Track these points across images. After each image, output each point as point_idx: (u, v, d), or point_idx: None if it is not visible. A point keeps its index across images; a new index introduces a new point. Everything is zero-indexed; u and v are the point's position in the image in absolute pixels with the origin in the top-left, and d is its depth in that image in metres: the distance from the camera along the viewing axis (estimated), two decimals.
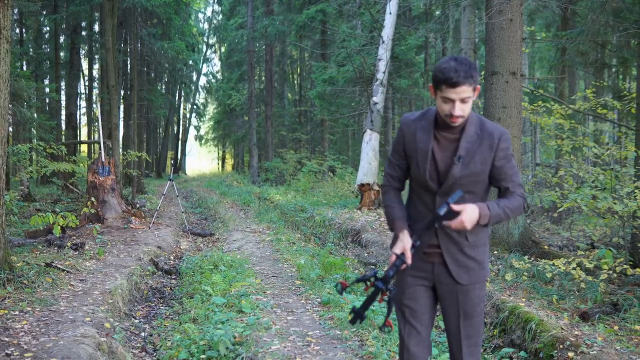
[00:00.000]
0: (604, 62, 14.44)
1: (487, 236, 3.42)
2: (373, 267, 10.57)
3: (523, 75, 10.89)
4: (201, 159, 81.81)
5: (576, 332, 5.89)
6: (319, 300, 7.53)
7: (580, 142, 10.82)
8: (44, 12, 25.17)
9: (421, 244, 3.23)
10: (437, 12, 27.00)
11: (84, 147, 33.00)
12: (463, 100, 3.07)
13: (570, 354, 5.47)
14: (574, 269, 7.64)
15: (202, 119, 59.50)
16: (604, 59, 14.45)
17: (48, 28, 26.82)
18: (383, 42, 17.35)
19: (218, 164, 69.36)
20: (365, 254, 11.56)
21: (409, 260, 3.23)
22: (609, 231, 9.97)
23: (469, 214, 3.11)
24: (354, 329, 6.16)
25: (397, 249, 3.26)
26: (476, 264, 3.33)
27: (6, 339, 4.79)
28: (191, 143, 69.12)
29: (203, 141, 59.02)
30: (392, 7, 17.31)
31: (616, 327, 6.25)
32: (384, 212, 3.52)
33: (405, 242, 3.26)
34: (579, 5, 13.62)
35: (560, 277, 8.16)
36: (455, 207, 3.10)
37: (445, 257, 3.31)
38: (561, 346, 5.68)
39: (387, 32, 17.34)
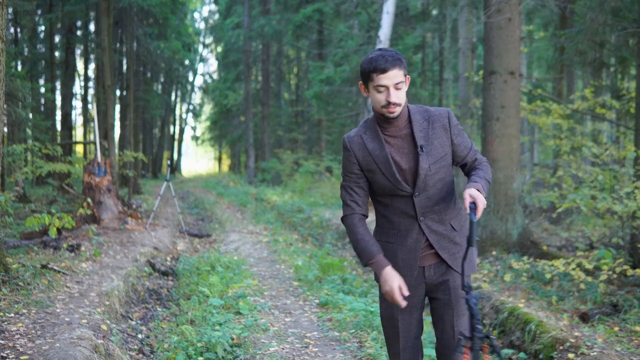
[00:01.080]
0: (603, 62, 14.38)
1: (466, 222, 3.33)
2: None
3: (521, 74, 10.86)
4: (197, 159, 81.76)
5: (576, 333, 5.85)
6: (317, 301, 7.48)
7: (578, 142, 10.79)
8: (39, 12, 25.08)
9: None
10: (435, 12, 27.00)
11: (79, 148, 32.89)
12: (396, 87, 3.02)
13: (571, 356, 5.44)
14: (574, 269, 7.60)
15: (198, 119, 59.44)
16: (603, 58, 14.39)
17: (43, 27, 26.72)
18: (380, 41, 17.31)
19: (214, 164, 69.30)
20: None
21: (402, 303, 3.04)
22: (608, 232, 9.94)
23: (479, 196, 2.98)
24: (353, 331, 6.11)
25: (394, 291, 3.02)
26: (459, 247, 3.26)
27: (1, 342, 4.73)
28: (187, 143, 69.12)
29: (199, 141, 58.94)
30: (389, 7, 17.27)
31: (616, 328, 6.21)
32: (352, 245, 3.25)
33: (395, 280, 3.04)
34: (578, 4, 13.58)
35: (559, 278, 8.12)
36: (469, 198, 2.96)
37: (442, 254, 3.20)
38: (561, 347, 5.64)
39: (385, 31, 17.30)
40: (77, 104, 34.46)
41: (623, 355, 5.28)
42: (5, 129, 15.64)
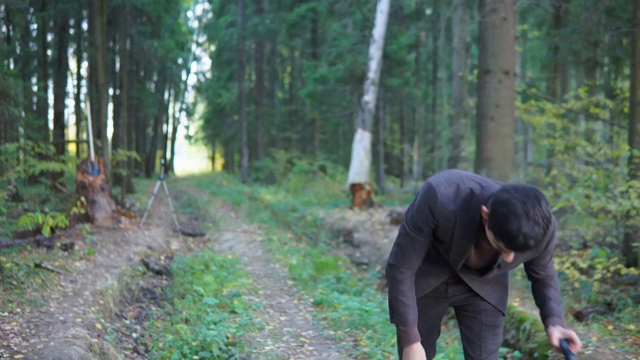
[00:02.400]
0: (596, 61, 14.44)
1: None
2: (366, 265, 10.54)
3: (516, 74, 10.87)
4: (191, 158, 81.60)
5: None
6: (311, 300, 7.48)
7: (573, 142, 10.80)
8: (32, 10, 24.97)
9: None
10: (429, 11, 27.03)
11: (71, 147, 32.75)
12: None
13: None
14: (568, 268, 7.62)
15: (191, 118, 59.32)
16: (596, 58, 14.44)
17: (35, 26, 26.60)
18: (374, 40, 17.33)
19: (208, 163, 69.18)
20: (358, 254, 11.53)
21: None
22: (602, 231, 9.96)
23: (573, 334, 2.78)
24: (348, 329, 6.11)
25: None
26: (504, 291, 3.12)
27: None
28: (180, 142, 68.97)
29: (192, 140, 58.82)
30: (383, 6, 17.29)
31: (611, 327, 6.23)
32: (389, 297, 3.00)
33: (422, 356, 2.92)
34: (572, 3, 13.62)
35: None
36: (558, 338, 2.77)
37: (472, 287, 3.02)
38: None
39: (379, 30, 17.32)
40: (69, 102, 34.34)
41: (617, 354, 5.29)
42: None
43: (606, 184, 9.22)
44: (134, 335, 6.39)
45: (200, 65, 62.71)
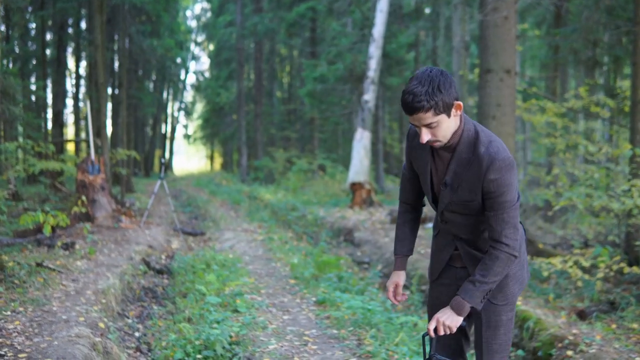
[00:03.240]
0: (596, 61, 14.43)
1: (524, 245, 3.13)
2: (367, 263, 10.53)
3: (517, 73, 10.87)
4: (189, 157, 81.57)
5: (574, 331, 5.87)
6: (314, 299, 7.47)
7: (573, 141, 10.81)
8: (30, 9, 24.94)
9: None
10: (428, 10, 27.01)
11: (70, 146, 32.72)
12: (428, 126, 2.75)
13: (570, 353, 5.45)
14: (571, 267, 7.62)
15: (190, 118, 59.29)
16: (596, 57, 14.44)
17: (34, 25, 26.56)
18: (374, 39, 17.32)
19: (206, 163, 69.15)
20: (359, 253, 11.52)
21: (396, 298, 3.25)
22: (604, 229, 9.97)
23: (443, 316, 2.93)
24: (351, 328, 6.10)
25: (389, 288, 3.26)
26: (511, 279, 3.07)
27: None
28: (179, 142, 68.93)
29: (191, 140, 58.79)
30: (382, 5, 17.28)
31: (614, 326, 6.23)
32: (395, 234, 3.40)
33: (392, 282, 3.25)
34: (573, 2, 13.62)
35: (556, 276, 8.13)
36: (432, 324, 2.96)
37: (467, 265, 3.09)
38: (560, 345, 5.65)
39: (378, 29, 17.31)
40: (68, 102, 34.28)
41: (621, 353, 5.29)
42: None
43: (607, 183, 9.23)
44: (137, 334, 6.37)
45: (199, 64, 62.72)
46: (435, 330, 2.96)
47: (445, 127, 2.76)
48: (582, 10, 11.64)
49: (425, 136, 2.76)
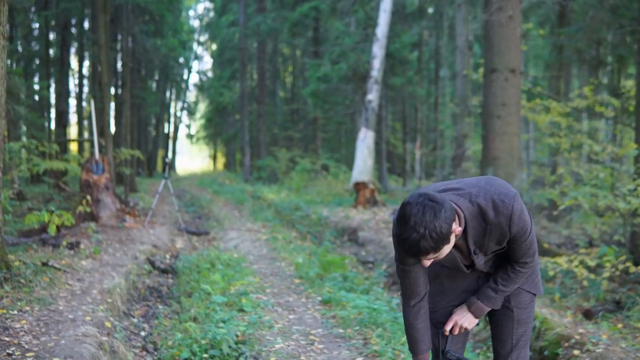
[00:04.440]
0: (600, 60, 14.41)
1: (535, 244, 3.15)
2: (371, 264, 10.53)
3: (522, 72, 10.87)
4: (192, 157, 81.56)
5: (581, 330, 5.86)
6: (319, 298, 7.47)
7: (578, 140, 10.80)
8: (34, 9, 24.96)
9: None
10: (431, 10, 27.00)
11: (73, 146, 32.73)
12: (431, 259, 2.70)
13: (576, 352, 5.44)
14: (576, 266, 7.61)
15: (193, 117, 59.27)
16: (600, 56, 14.42)
17: (38, 25, 26.60)
18: (377, 39, 17.30)
19: (209, 162, 69.14)
20: (363, 253, 11.52)
21: None
22: (609, 229, 9.96)
23: (461, 319, 3.03)
24: (357, 328, 6.10)
25: None
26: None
27: (6, 339, 4.70)
28: (182, 141, 68.92)
29: (194, 140, 58.76)
30: (386, 4, 17.26)
31: (620, 325, 6.22)
32: (406, 333, 3.11)
33: None
34: (577, 2, 13.60)
35: (562, 275, 8.13)
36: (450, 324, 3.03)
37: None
38: (566, 344, 5.65)
39: (382, 29, 17.29)
40: (71, 101, 34.29)
41: (628, 352, 5.28)
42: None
43: (612, 183, 9.22)
44: (142, 333, 6.38)
45: (202, 64, 62.81)
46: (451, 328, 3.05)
47: (447, 248, 2.70)
48: (586, 10, 11.63)
49: (428, 262, 2.72)
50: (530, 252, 2.92)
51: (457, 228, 2.67)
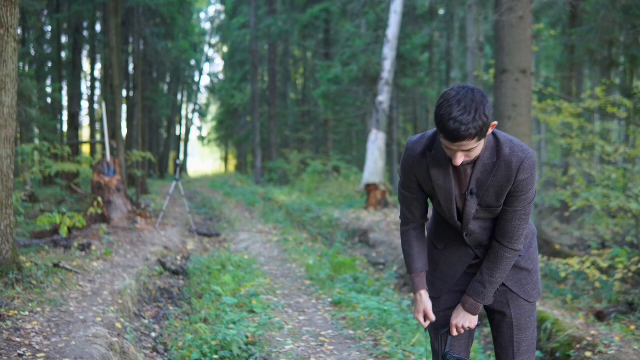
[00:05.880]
0: (612, 60, 14.33)
1: (535, 241, 3.14)
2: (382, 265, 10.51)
3: (533, 73, 10.82)
4: (203, 159, 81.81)
5: (593, 332, 5.82)
6: (330, 300, 7.46)
7: (590, 141, 10.74)
8: (46, 12, 25.11)
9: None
10: (442, 11, 26.95)
11: (85, 148, 32.91)
12: (466, 153, 2.67)
13: (588, 354, 5.41)
14: (589, 268, 7.56)
15: (204, 120, 59.43)
16: (612, 57, 14.34)
17: (50, 28, 26.76)
18: (388, 41, 17.29)
19: (221, 164, 69.30)
20: (374, 254, 11.50)
21: (432, 318, 3.05)
22: (621, 230, 9.90)
23: (459, 320, 3.02)
24: (368, 329, 6.08)
25: (418, 314, 3.07)
26: (526, 273, 3.06)
27: (18, 340, 4.71)
28: (193, 144, 69.15)
29: (205, 142, 58.92)
30: (397, 6, 17.25)
31: (633, 327, 6.18)
32: (403, 255, 3.18)
33: (424, 304, 3.05)
34: (589, 2, 13.54)
35: (574, 277, 8.08)
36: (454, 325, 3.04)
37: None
38: (578, 346, 5.61)
39: (392, 31, 17.28)
40: (83, 104, 34.49)
41: None
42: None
43: (625, 184, 9.15)
44: (153, 334, 6.39)
45: (213, 66, 62.93)
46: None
47: (480, 147, 2.71)
48: (598, 10, 11.56)
49: (460, 159, 2.67)
50: (522, 224, 2.88)
51: (494, 122, 2.68)
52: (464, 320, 3.01)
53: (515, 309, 3.06)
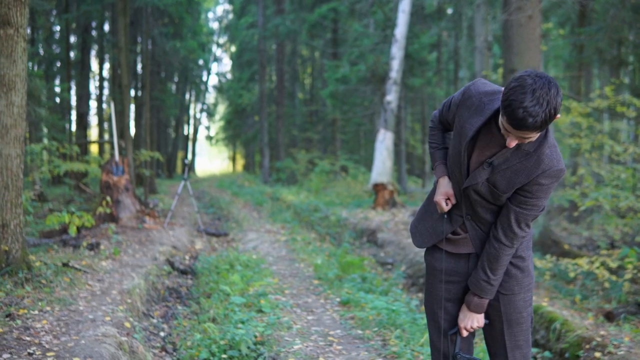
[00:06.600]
0: (622, 60, 14.27)
1: (530, 241, 3.09)
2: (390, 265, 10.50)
3: None
4: (211, 159, 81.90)
5: (602, 332, 5.79)
6: (338, 299, 7.46)
7: (599, 141, 10.70)
8: (55, 12, 25.21)
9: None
10: (450, 10, 26.91)
11: (93, 147, 33.03)
12: (525, 140, 2.65)
13: (597, 354, 5.38)
14: (598, 268, 7.54)
15: (212, 119, 59.50)
16: (621, 56, 14.27)
17: (59, 28, 26.86)
18: (396, 40, 17.27)
19: (228, 164, 69.38)
20: (382, 254, 11.49)
21: (453, 200, 3.03)
22: (630, 230, 9.86)
23: (467, 321, 3.04)
24: (376, 329, 6.08)
25: (440, 196, 3.05)
26: (518, 271, 3.03)
27: (28, 339, 4.73)
28: (201, 143, 69.24)
29: (213, 141, 58.99)
30: (405, 5, 17.23)
31: None
32: (428, 145, 3.30)
33: (446, 187, 3.06)
34: (597, 1, 13.49)
35: (583, 277, 8.06)
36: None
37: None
38: (587, 346, 5.59)
39: (400, 30, 17.26)
40: (91, 103, 34.62)
41: None
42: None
43: (634, 184, 9.12)
44: (162, 334, 6.40)
45: (221, 66, 62.99)
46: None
47: (537, 137, 2.69)
48: (607, 9, 11.51)
49: (514, 142, 2.66)
50: (523, 227, 2.87)
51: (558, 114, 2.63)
52: (472, 320, 3.02)
53: (504, 305, 3.04)
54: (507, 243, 2.89)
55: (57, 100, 26.37)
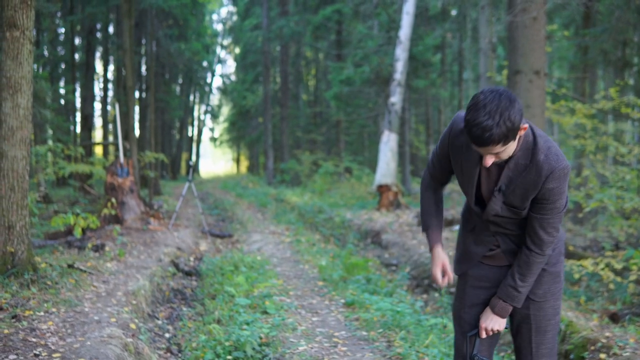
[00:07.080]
0: (626, 61, 14.25)
1: (562, 245, 3.12)
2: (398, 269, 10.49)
3: (546, 74, 10.78)
4: (215, 160, 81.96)
5: (607, 334, 5.78)
6: (343, 301, 7.46)
7: (604, 142, 10.69)
8: (60, 14, 25.27)
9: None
10: (454, 12, 26.89)
11: (98, 149, 33.08)
12: (496, 156, 2.71)
13: (602, 356, 5.38)
14: (602, 269, 7.53)
15: (216, 121, 59.55)
16: (626, 57, 14.26)
17: (64, 30, 26.93)
18: (400, 42, 17.27)
19: (232, 165, 69.41)
20: (386, 255, 11.49)
21: (450, 274, 3.13)
22: (635, 232, 9.84)
23: (488, 322, 3.04)
24: (381, 330, 6.08)
25: (436, 269, 3.14)
26: (549, 276, 3.05)
27: (33, 340, 4.75)
28: (205, 145, 69.27)
29: (217, 143, 59.04)
30: (409, 7, 17.23)
31: None
32: (420, 208, 3.30)
33: (441, 258, 3.13)
34: (602, 3, 13.49)
35: (587, 278, 8.05)
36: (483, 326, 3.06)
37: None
38: (593, 348, 5.58)
39: (405, 32, 17.26)
40: (96, 105, 34.66)
41: None
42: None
43: (639, 185, 9.11)
44: (167, 335, 6.42)
45: (225, 67, 63.01)
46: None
47: (510, 149, 2.73)
48: (612, 11, 11.50)
49: (490, 160, 2.72)
50: (551, 232, 2.88)
51: (524, 124, 2.69)
52: (493, 323, 3.02)
53: (534, 310, 3.05)
54: (537, 250, 2.91)
55: (62, 102, 26.39)
